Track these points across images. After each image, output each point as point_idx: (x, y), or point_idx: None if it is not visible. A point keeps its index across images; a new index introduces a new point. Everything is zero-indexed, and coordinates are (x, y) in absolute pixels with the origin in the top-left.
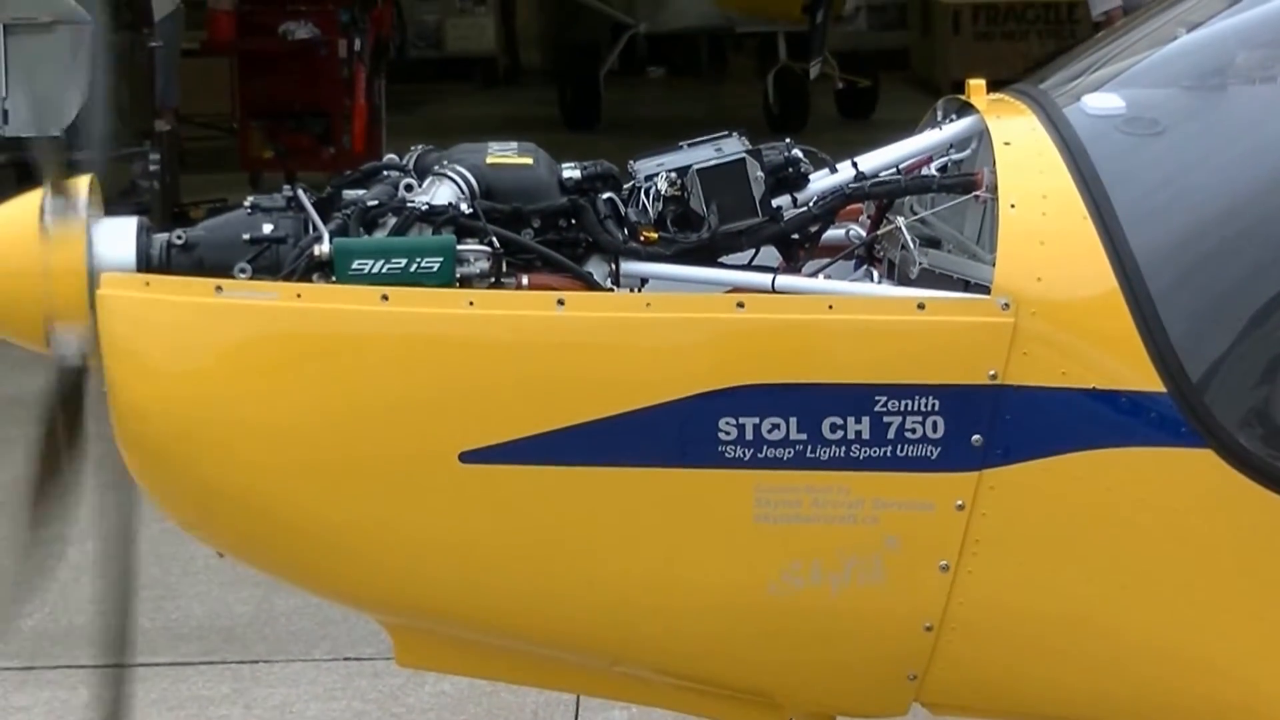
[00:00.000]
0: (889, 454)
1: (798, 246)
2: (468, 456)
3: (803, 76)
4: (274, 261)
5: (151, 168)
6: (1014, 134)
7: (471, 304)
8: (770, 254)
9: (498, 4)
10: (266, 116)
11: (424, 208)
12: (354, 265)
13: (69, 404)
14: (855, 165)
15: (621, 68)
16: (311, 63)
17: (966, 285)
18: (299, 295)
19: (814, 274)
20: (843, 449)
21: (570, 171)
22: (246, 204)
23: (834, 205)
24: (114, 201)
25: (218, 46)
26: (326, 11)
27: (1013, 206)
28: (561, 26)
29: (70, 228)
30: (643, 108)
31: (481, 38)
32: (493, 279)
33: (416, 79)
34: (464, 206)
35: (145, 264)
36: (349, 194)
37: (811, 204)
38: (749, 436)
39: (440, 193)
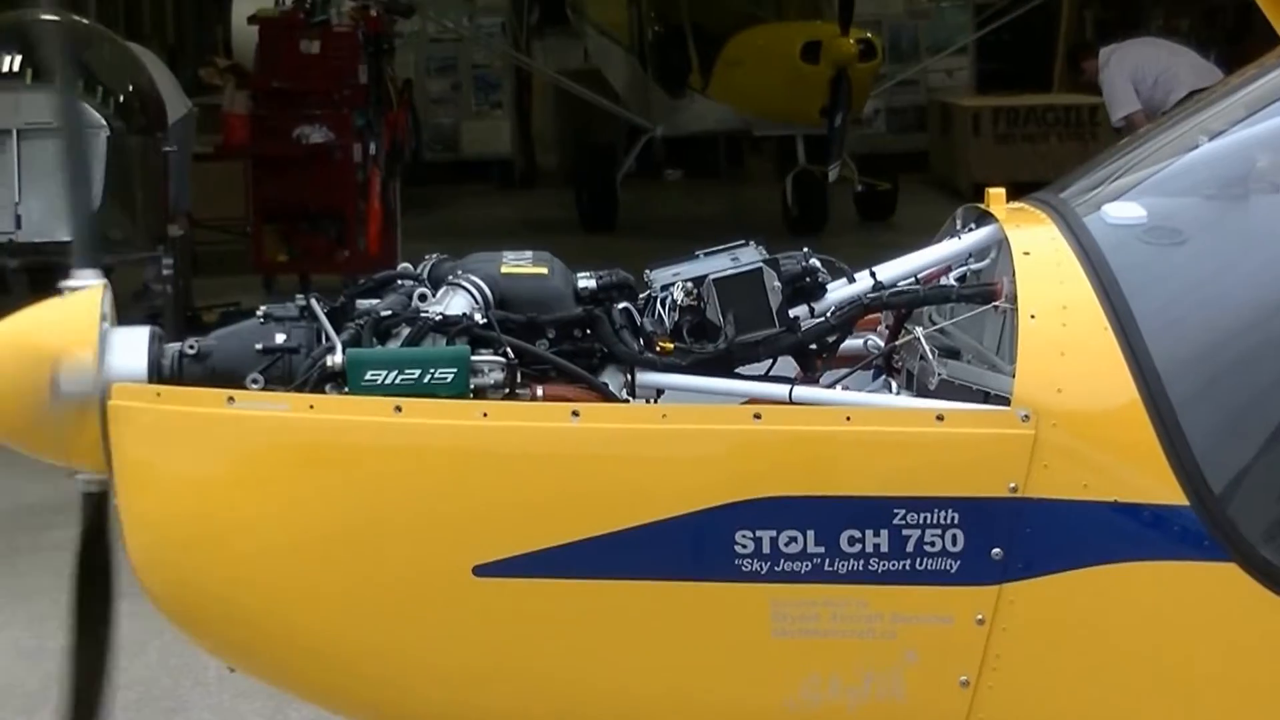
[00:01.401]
0: (908, 567)
1: (815, 357)
2: (482, 570)
3: (821, 179)
4: (287, 371)
5: (165, 271)
6: (1034, 243)
7: (486, 416)
8: (788, 364)
9: (514, 106)
10: (280, 219)
11: (438, 318)
12: (367, 376)
13: (95, 534)
14: (873, 275)
15: (639, 170)
16: (326, 166)
17: (986, 396)
18: (311, 406)
19: (832, 385)
20: (861, 562)
21: (586, 281)
22: (259, 313)
23: (852, 315)
24: (127, 305)
25: (232, 150)
26: (341, 115)
27: (1033, 317)
28: (578, 129)
29: (84, 338)
30: (660, 210)
31: (497, 140)
32: (507, 390)
33: (432, 181)
34: (478, 317)
35: (157, 374)
36: (362, 303)
37: (829, 314)
38: (766, 549)
39: (454, 303)
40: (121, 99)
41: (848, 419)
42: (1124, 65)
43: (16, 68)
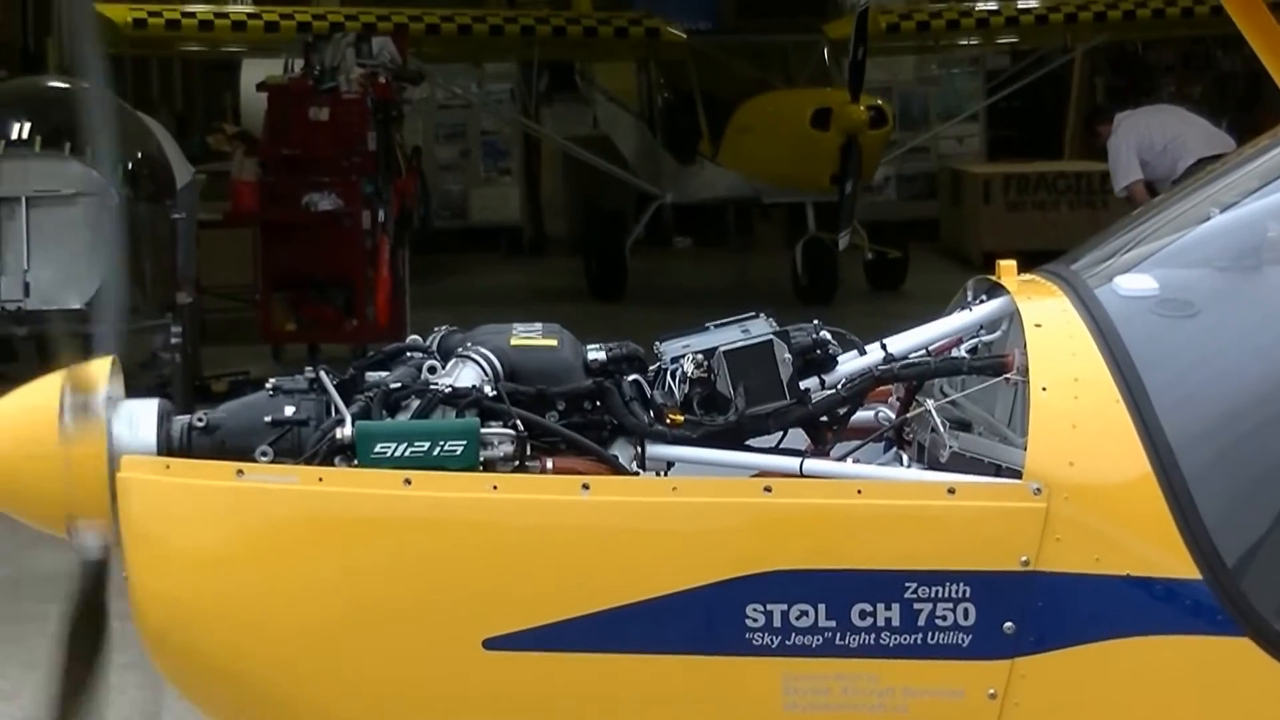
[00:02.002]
0: (919, 641)
1: (826, 429)
2: (492, 643)
3: (831, 247)
4: (296, 444)
5: (173, 340)
6: (1045, 316)
7: (495, 488)
8: (798, 437)
9: (523, 173)
10: (289, 288)
11: (447, 390)
12: (376, 449)
13: (91, 601)
14: (884, 347)
15: (648, 237)
16: (335, 233)
17: (998, 469)
18: (320, 479)
19: (842, 457)
20: (872, 636)
21: (595, 353)
22: (268, 385)
23: (863, 387)
24: (135, 374)
25: (241, 217)
26: (350, 182)
27: (1044, 389)
28: (587, 196)
29: (92, 408)
30: (669, 278)
31: (506, 207)
32: (517, 463)
33: (441, 249)
34: (488, 389)
35: (166, 446)
36: (372, 376)
37: (840, 386)
38: (777, 623)
39: (464, 375)
40: (130, 166)
41: (859, 492)
42: (1131, 133)
43: (26, 135)
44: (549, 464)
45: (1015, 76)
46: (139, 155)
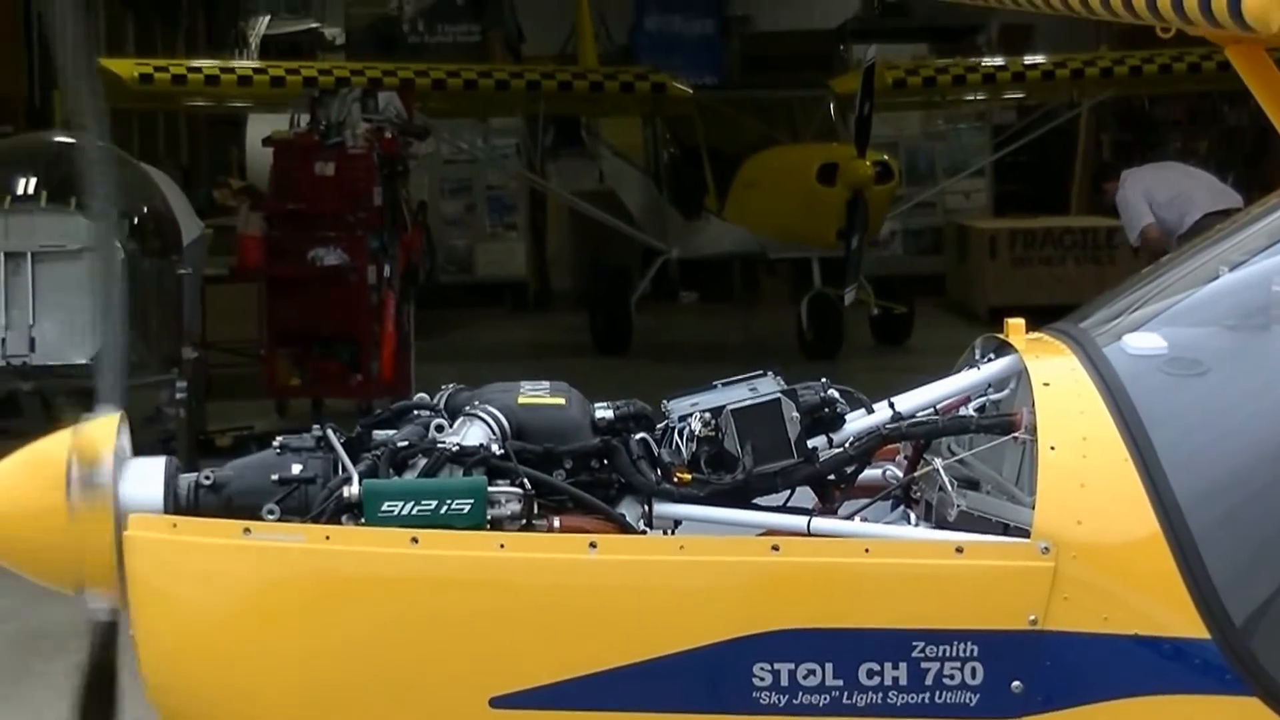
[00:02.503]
0: (927, 700)
1: (834, 488)
2: (498, 702)
3: (837, 302)
4: (303, 502)
5: (178, 395)
6: (1053, 374)
7: (503, 546)
8: (806, 495)
9: (528, 228)
10: (294, 343)
11: (455, 449)
12: (384, 507)
13: (102, 662)
14: (892, 405)
15: (653, 292)
16: (340, 288)
17: (1006, 528)
18: (328, 537)
19: (850, 516)
20: (880, 695)
21: (603, 411)
22: (275, 444)
23: (870, 446)
24: (139, 429)
25: (246, 272)
26: (356, 237)
27: (1052, 448)
28: (593, 251)
29: (99, 467)
30: (674, 333)
31: (512, 262)
32: (524, 521)
33: (446, 304)
34: (495, 448)
35: (173, 504)
36: (379, 434)
37: (847, 445)
38: (784, 683)
39: (471, 434)
40: (136, 221)
41: (866, 551)
42: (1138, 187)
43: (32, 190)
44: (556, 522)
45: (1022, 132)
46: (144, 210)
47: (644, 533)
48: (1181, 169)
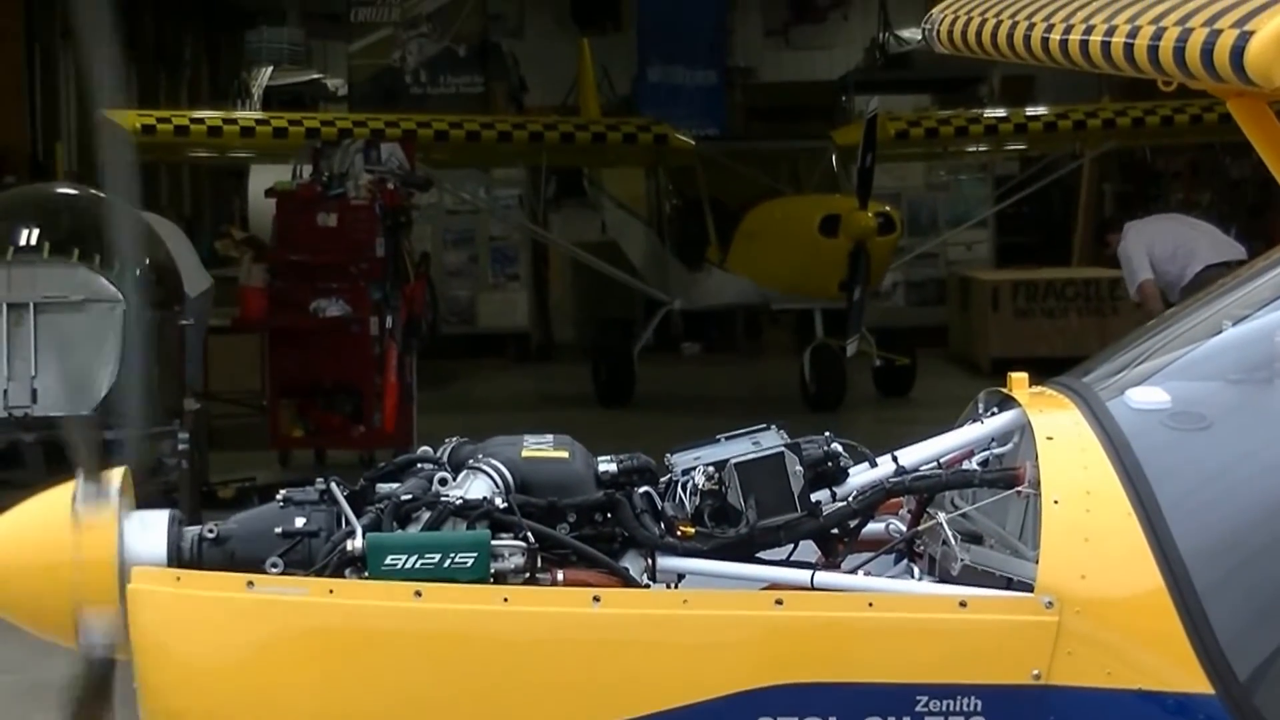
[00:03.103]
0: None
1: (837, 541)
2: None
3: (839, 353)
4: (307, 555)
5: (180, 446)
6: (1057, 428)
7: (506, 601)
8: (809, 549)
9: (531, 279)
10: (296, 394)
11: (458, 502)
12: (387, 561)
13: (95, 699)
14: (895, 459)
15: (656, 343)
16: (342, 340)
17: (1009, 583)
18: (331, 591)
19: (854, 570)
20: None
21: (606, 465)
22: (279, 497)
23: (874, 500)
24: (142, 481)
25: (249, 323)
26: (358, 288)
27: (1056, 502)
28: (595, 302)
29: (102, 522)
30: (677, 384)
31: (514, 313)
32: (528, 575)
33: (448, 355)
34: (499, 501)
35: (177, 558)
36: (383, 487)
37: (851, 499)
38: None
39: (475, 487)
40: (138, 273)
41: (870, 605)
42: (1140, 239)
43: (34, 241)
44: (560, 576)
45: (1024, 183)
46: (147, 261)
47: (648, 586)
48: (1184, 221)
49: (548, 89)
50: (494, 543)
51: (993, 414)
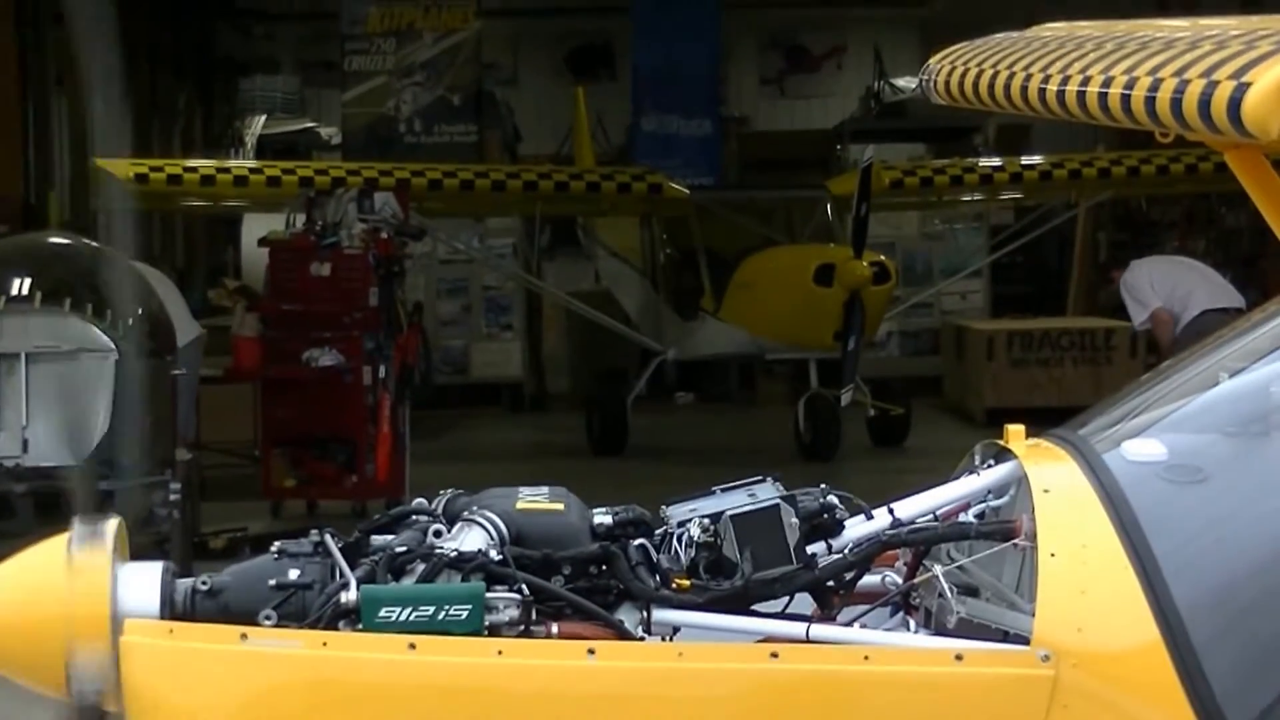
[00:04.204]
0: None
1: (833, 594)
2: None
3: (834, 403)
4: (300, 608)
5: (172, 497)
6: (1053, 481)
7: (501, 653)
8: (805, 602)
9: (524, 329)
10: (289, 444)
11: (453, 554)
12: (381, 613)
13: None
14: (891, 511)
15: (650, 393)
16: (335, 390)
17: (1005, 636)
18: (325, 644)
19: (849, 623)
20: None
21: (602, 517)
22: (273, 549)
23: (870, 552)
24: (133, 531)
25: (242, 373)
26: (351, 338)
27: (1052, 555)
28: (589, 352)
29: (95, 574)
30: (671, 434)
31: (508, 363)
32: (522, 628)
33: (442, 405)
34: (493, 553)
35: (170, 610)
36: (377, 539)
37: (847, 551)
38: None
39: (469, 539)
40: (130, 322)
41: (866, 658)
42: (1143, 275)
43: (26, 291)
44: (554, 629)
45: (1019, 232)
46: (139, 311)
47: (643, 639)
48: (1186, 264)
49: (542, 138)
50: (489, 595)
51: (989, 466)
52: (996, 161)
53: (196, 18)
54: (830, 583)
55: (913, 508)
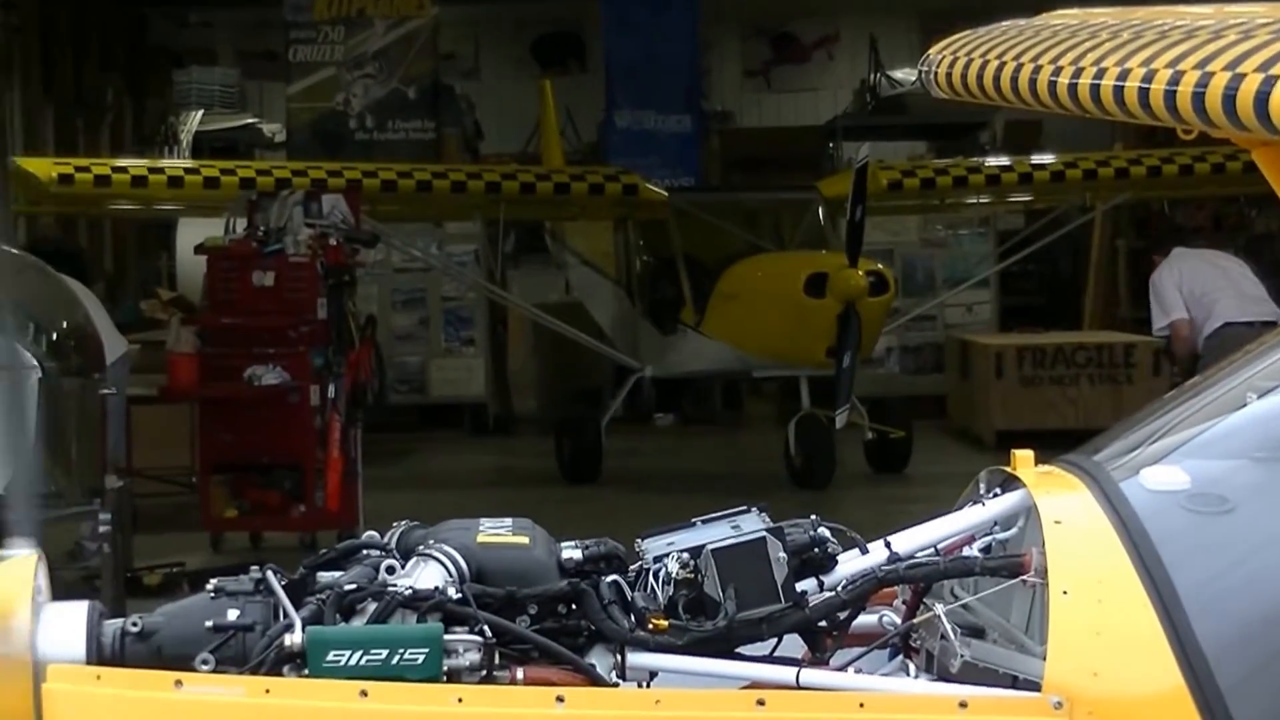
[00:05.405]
0: None
1: (825, 636)
2: None
3: (828, 426)
4: (241, 651)
5: (101, 529)
6: (1066, 511)
7: (460, 701)
8: (795, 644)
9: (488, 344)
10: (230, 470)
11: (408, 592)
12: (329, 657)
13: None
14: (888, 545)
15: (625, 415)
16: (280, 411)
17: (1014, 681)
18: (268, 690)
19: (843, 667)
20: None
21: (571, 551)
22: (210, 587)
23: (865, 590)
24: (59, 566)
25: (177, 392)
26: (297, 354)
27: (1065, 593)
28: (559, 370)
29: (14, 615)
30: (649, 459)
31: (470, 381)
32: (484, 673)
33: (398, 428)
34: (452, 591)
35: (97, 654)
36: (324, 576)
37: (840, 588)
38: None
39: (425, 575)
40: (55, 337)
41: (861, 705)
42: (1173, 272)
43: None
44: (520, 674)
45: (1029, 239)
46: (65, 325)
47: (617, 685)
48: (1221, 265)
49: (506, 135)
50: (447, 637)
51: (995, 495)
52: (1004, 161)
53: (126, 4)
54: (822, 623)
55: (913, 541)
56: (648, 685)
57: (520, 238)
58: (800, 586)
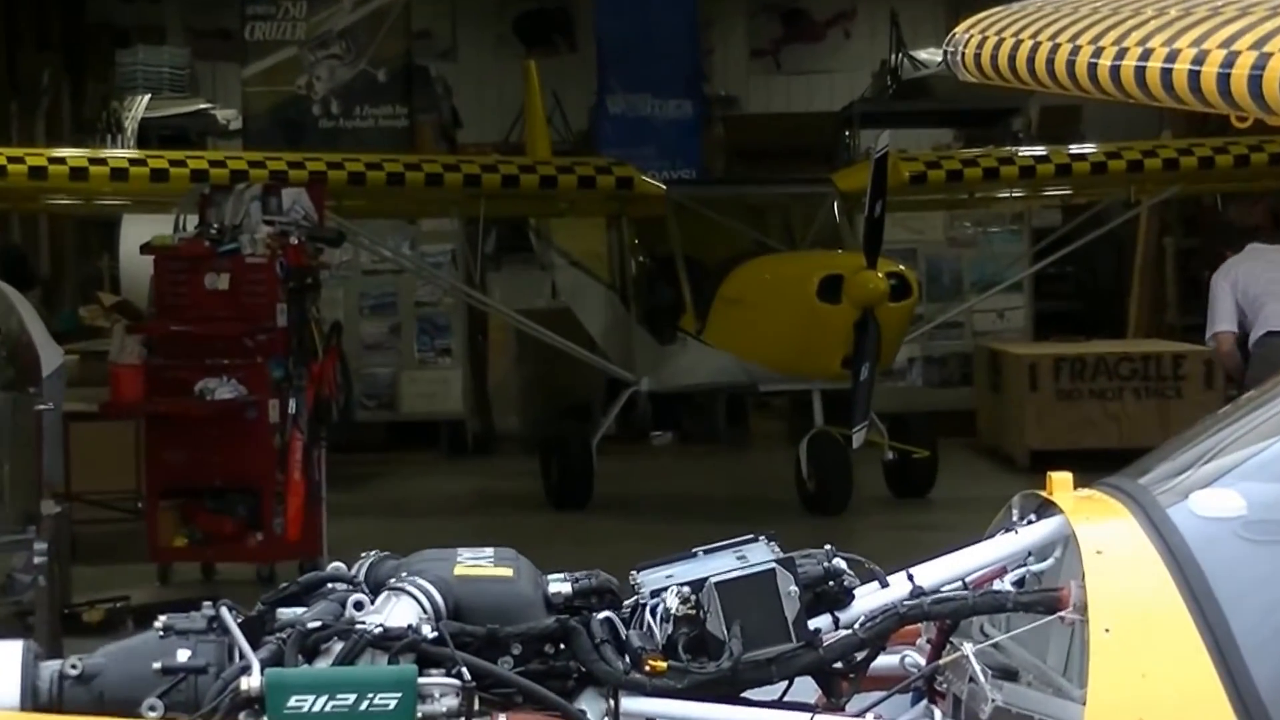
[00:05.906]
0: None
1: (840, 678)
2: None
3: (844, 445)
4: (192, 697)
5: (36, 559)
6: (1108, 540)
7: None
8: (808, 687)
9: (466, 355)
10: (179, 495)
11: (378, 631)
12: (291, 702)
13: None
14: (911, 578)
15: (619, 433)
16: (235, 428)
17: None
18: None
19: (861, 713)
20: None
21: (558, 585)
22: (158, 625)
23: (886, 628)
24: None
25: (121, 408)
26: (254, 365)
27: (1107, 631)
28: (545, 383)
29: None
30: (645, 483)
31: (446, 396)
32: (463, 719)
33: (365, 447)
34: (427, 629)
35: (32, 700)
36: (284, 613)
37: (857, 626)
38: None
39: (397, 612)
40: None
41: None
42: (1230, 274)
43: None
44: None
45: (1067, 237)
46: None
47: None
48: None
49: (486, 122)
50: (421, 680)
51: (1030, 522)
52: (1040, 151)
53: None
54: (838, 664)
55: (938, 573)
56: None
57: (502, 236)
58: (813, 624)
